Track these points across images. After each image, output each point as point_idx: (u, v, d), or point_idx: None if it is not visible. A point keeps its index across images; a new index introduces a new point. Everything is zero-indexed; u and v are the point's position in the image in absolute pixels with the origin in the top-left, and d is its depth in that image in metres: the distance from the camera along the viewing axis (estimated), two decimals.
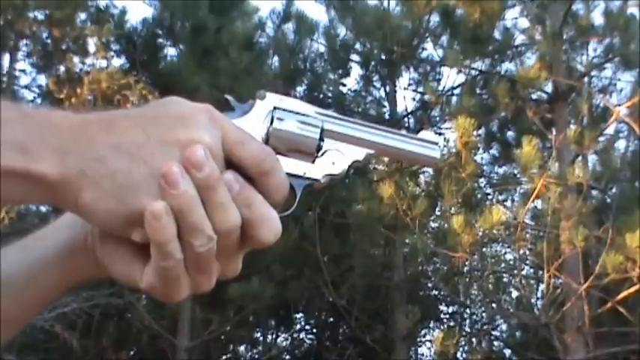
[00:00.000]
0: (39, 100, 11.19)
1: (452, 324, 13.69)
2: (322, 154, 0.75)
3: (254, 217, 0.67)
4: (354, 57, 11.89)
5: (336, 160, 0.76)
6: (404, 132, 0.80)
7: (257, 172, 0.68)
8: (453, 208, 9.66)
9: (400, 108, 12.18)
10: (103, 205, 0.63)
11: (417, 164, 0.78)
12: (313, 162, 0.75)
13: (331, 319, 14.02)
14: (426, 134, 0.80)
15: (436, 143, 0.80)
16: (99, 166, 0.63)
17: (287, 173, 0.72)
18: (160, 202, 0.63)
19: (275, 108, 0.75)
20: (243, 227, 0.67)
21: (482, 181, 12.46)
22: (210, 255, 0.66)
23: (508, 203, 12.35)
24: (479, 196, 11.89)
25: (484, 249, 11.69)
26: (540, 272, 9.74)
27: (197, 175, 0.64)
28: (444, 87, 11.48)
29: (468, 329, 14.02)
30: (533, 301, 10.86)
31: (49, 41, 10.76)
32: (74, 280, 0.76)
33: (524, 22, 10.51)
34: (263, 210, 0.67)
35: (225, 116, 0.70)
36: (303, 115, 0.75)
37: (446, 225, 10.17)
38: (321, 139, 0.75)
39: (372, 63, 11.75)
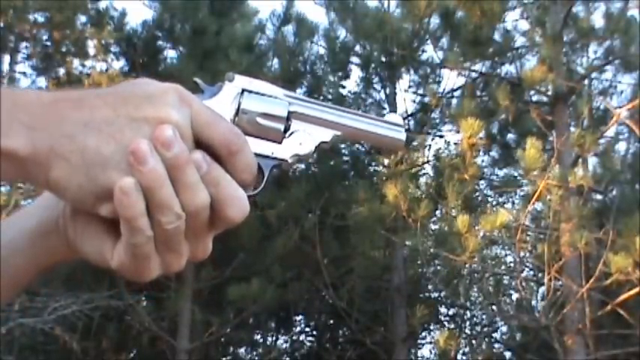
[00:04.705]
0: None
1: (452, 326, 13.68)
2: (290, 135, 0.77)
3: (222, 197, 0.68)
4: (354, 59, 11.88)
5: (303, 140, 0.77)
6: (370, 114, 0.82)
7: (226, 152, 0.69)
8: (454, 210, 9.65)
9: (400, 110, 12.16)
10: (73, 180, 0.64)
11: (382, 146, 0.80)
12: (281, 143, 0.76)
13: (331, 322, 14.01)
14: (392, 117, 0.83)
15: (402, 126, 0.82)
16: (68, 142, 0.64)
17: (255, 154, 0.73)
18: (129, 178, 0.64)
19: (243, 90, 0.76)
20: (212, 207, 0.68)
21: (483, 184, 12.45)
22: (179, 233, 0.66)
23: (508, 205, 12.35)
24: (479, 198, 11.89)
25: (484, 251, 11.68)
26: (541, 274, 9.73)
27: (166, 155, 0.65)
28: (444, 89, 11.45)
29: (468, 331, 14.02)
30: (533, 303, 10.84)
31: (49, 43, 10.79)
32: (46, 263, 0.77)
33: (524, 25, 10.53)
34: (231, 189, 0.68)
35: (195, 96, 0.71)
36: (272, 97, 0.77)
37: (446, 227, 10.15)
38: (289, 120, 0.77)
39: (372, 65, 11.74)
